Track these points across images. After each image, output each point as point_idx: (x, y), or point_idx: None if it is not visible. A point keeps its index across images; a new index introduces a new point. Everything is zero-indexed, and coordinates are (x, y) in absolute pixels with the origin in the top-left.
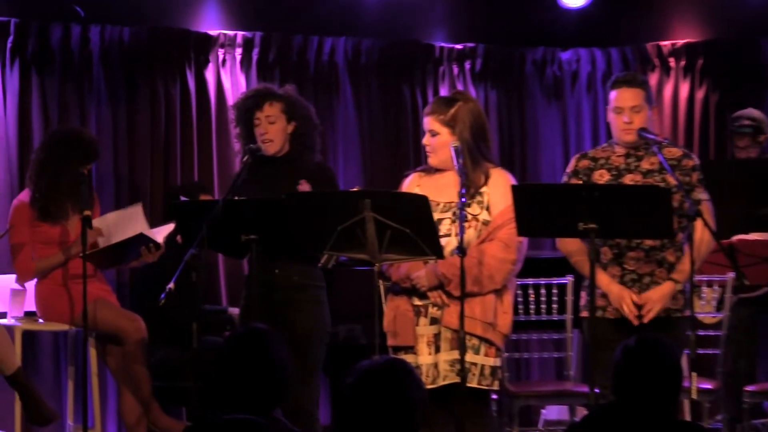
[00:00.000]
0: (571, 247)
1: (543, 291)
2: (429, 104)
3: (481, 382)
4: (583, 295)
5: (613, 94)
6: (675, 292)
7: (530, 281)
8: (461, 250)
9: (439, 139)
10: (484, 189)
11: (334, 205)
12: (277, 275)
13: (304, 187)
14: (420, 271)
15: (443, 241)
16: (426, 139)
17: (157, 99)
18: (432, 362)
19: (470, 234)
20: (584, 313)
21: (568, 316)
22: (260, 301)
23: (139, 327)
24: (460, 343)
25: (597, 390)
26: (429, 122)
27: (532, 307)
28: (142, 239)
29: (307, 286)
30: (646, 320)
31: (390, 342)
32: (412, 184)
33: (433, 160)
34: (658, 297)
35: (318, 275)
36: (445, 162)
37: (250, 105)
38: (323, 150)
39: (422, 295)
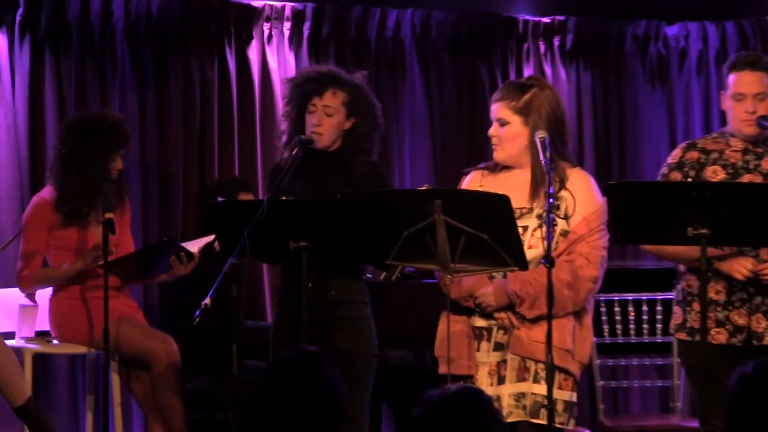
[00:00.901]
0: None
1: (645, 308)
2: (498, 90)
3: (554, 420)
4: (677, 311)
5: (732, 78)
6: None
7: (630, 296)
8: (548, 259)
9: (509, 130)
10: (561, 194)
11: (398, 207)
12: (311, 290)
13: None
14: (486, 288)
15: None
16: (493, 130)
17: (192, 82)
18: (494, 395)
19: (545, 246)
20: (681, 335)
21: (674, 339)
22: (292, 321)
23: (169, 349)
24: (547, 370)
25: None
26: (497, 109)
27: (632, 326)
28: (170, 246)
29: (349, 302)
30: None
31: (442, 369)
32: (473, 184)
33: (499, 155)
34: None
35: (360, 289)
36: (514, 158)
37: (309, 88)
38: (385, 145)
39: (485, 315)
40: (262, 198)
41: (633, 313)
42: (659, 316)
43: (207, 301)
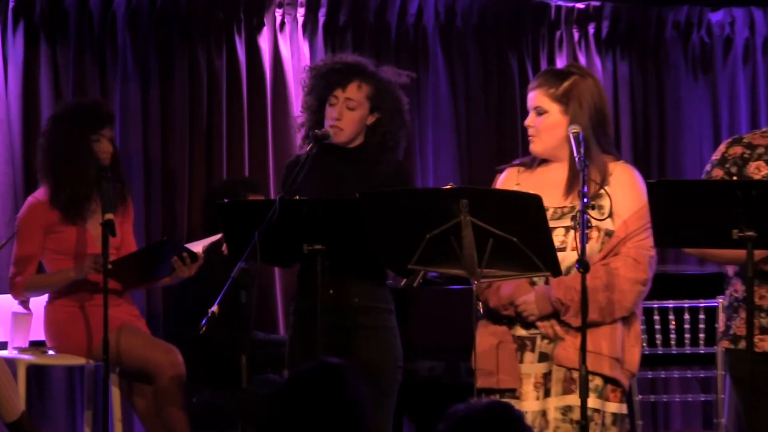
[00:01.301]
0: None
1: (687, 316)
2: (535, 77)
3: None
4: (724, 318)
5: None
6: None
7: (670, 304)
8: (583, 264)
9: (547, 120)
10: (602, 191)
11: (421, 207)
12: (331, 296)
13: None
14: (528, 296)
15: (560, 255)
16: (529, 119)
17: (198, 73)
18: (539, 409)
19: (592, 247)
20: (724, 343)
21: (719, 349)
22: (310, 330)
23: (174, 361)
24: (581, 383)
25: None
26: (535, 97)
27: (673, 336)
28: (171, 246)
29: (372, 309)
30: None
31: (481, 383)
32: (509, 181)
33: (536, 147)
34: None
35: (384, 296)
36: (552, 151)
37: (333, 79)
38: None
39: (527, 324)
40: (274, 198)
41: (674, 322)
42: (702, 325)
43: (214, 308)
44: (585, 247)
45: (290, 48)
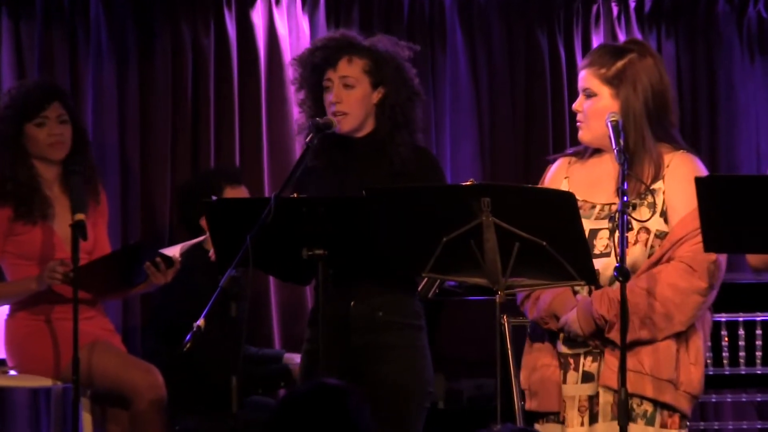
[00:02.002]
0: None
1: (741, 332)
2: (588, 54)
3: None
4: None
5: None
6: None
7: (722, 317)
8: (622, 271)
9: (596, 104)
10: (657, 184)
11: (437, 206)
12: (353, 309)
13: None
14: (570, 314)
15: (603, 262)
16: (578, 103)
17: (183, 53)
18: None
19: (637, 251)
20: None
21: None
22: (330, 347)
23: (154, 382)
24: (619, 408)
25: None
26: (584, 78)
27: (726, 355)
28: (141, 251)
29: (398, 326)
30: None
31: (529, 405)
32: (558, 174)
33: (584, 135)
34: None
35: (414, 310)
36: (601, 139)
37: (318, 60)
38: (423, 127)
39: (570, 341)
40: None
41: (726, 338)
42: (759, 342)
43: (200, 322)
44: (625, 253)
45: (288, 25)
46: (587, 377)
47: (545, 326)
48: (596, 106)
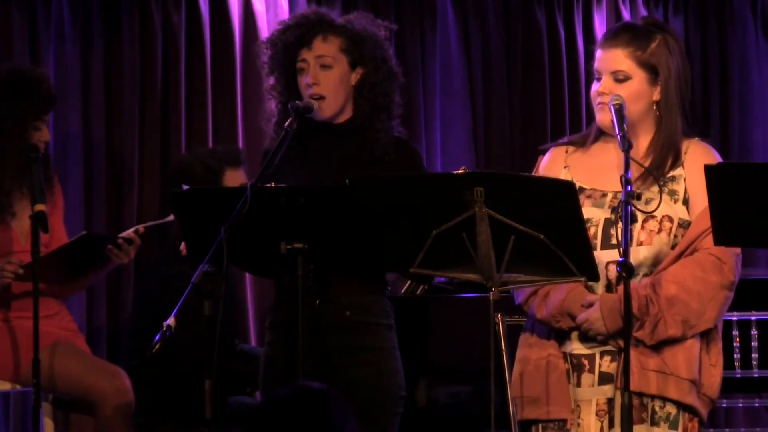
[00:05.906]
0: None
1: (754, 331)
2: (610, 31)
3: None
4: None
5: None
6: None
7: (734, 316)
8: (625, 266)
9: (630, 88)
10: (677, 171)
11: (426, 197)
12: (318, 308)
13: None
14: (592, 311)
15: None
16: (603, 85)
17: (151, 30)
18: None
19: (661, 241)
20: None
21: None
22: (289, 350)
23: (120, 386)
24: (623, 410)
25: None
26: (615, 59)
27: (737, 356)
28: (100, 240)
29: (367, 326)
30: None
31: (524, 414)
32: (554, 164)
33: (604, 118)
34: None
35: (384, 309)
36: (630, 126)
37: (292, 39)
38: (408, 113)
39: (586, 339)
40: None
41: (738, 339)
42: None
43: (170, 321)
44: (628, 246)
45: (265, 2)
46: (605, 378)
47: (556, 325)
48: (631, 91)
